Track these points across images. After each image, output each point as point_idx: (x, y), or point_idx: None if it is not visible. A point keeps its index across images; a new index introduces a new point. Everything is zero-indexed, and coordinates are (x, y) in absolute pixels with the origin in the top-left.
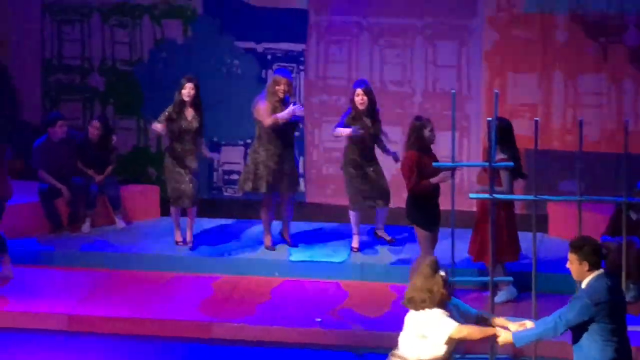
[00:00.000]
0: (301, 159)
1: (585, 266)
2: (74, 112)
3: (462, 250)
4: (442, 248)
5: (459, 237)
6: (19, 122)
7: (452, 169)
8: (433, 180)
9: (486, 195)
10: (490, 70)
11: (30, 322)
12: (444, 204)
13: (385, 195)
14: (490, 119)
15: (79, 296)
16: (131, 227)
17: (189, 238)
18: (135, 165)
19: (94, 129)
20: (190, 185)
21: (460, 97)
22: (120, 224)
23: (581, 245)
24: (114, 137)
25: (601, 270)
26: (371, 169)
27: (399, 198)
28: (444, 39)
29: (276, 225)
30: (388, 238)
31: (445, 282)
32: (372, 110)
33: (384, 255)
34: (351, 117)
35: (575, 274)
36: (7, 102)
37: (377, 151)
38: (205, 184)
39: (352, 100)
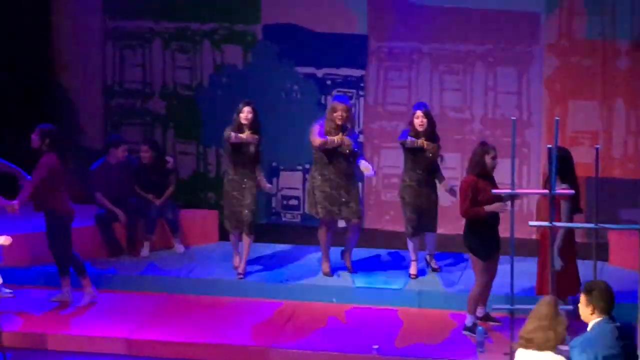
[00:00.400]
0: (360, 185)
1: (590, 309)
2: (134, 136)
3: (521, 279)
4: (500, 275)
5: (518, 264)
6: (80, 146)
7: (511, 197)
8: (488, 208)
9: (546, 223)
10: (550, 97)
11: (90, 346)
12: (503, 231)
13: (432, 223)
14: (550, 146)
15: (138, 320)
16: (190, 252)
17: (241, 270)
18: (194, 190)
19: (144, 152)
20: (246, 210)
21: (520, 124)
22: (179, 248)
23: (592, 289)
24: (170, 159)
25: (605, 317)
26: (426, 195)
27: (459, 224)
28: (504, 66)
29: (336, 250)
30: (434, 266)
31: (567, 324)
32: (431, 132)
33: (442, 282)
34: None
35: (582, 316)
36: (69, 126)
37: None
38: (264, 209)
39: (412, 123)
